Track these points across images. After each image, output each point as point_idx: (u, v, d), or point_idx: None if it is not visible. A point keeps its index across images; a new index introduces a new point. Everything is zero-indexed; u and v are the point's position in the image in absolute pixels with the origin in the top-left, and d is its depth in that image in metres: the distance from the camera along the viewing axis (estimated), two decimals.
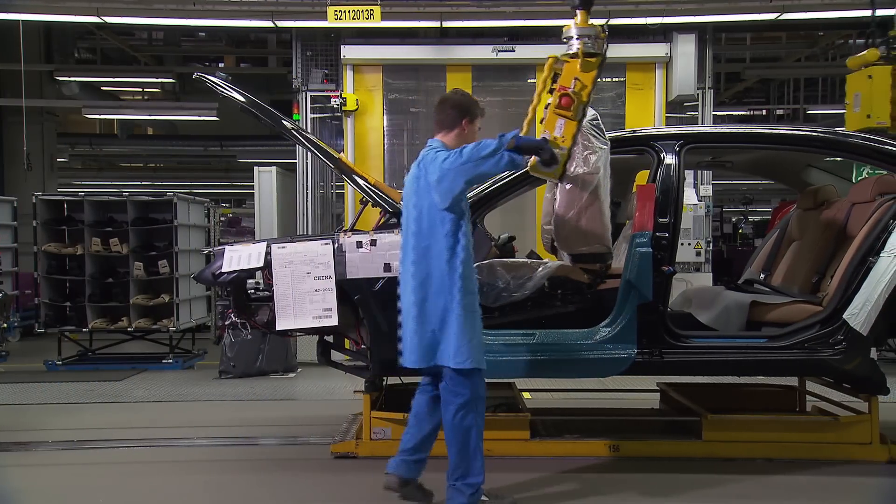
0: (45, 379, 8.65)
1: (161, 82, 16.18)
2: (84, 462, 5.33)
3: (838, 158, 5.67)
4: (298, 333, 5.22)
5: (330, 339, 5.57)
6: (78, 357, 9.69)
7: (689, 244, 9.68)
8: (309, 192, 10.26)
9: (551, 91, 4.21)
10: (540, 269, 4.79)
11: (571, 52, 4.24)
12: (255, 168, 10.40)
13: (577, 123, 4.15)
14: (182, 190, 11.73)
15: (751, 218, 24.76)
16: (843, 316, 4.84)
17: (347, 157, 10.30)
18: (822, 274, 5.33)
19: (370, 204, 5.12)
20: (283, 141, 12.41)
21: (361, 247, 4.79)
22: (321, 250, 4.77)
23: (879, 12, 8.20)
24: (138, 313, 9.40)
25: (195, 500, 4.59)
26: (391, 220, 5.12)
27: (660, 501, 4.40)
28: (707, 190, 10.13)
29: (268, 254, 4.79)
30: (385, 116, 10.45)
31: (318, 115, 10.39)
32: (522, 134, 4.03)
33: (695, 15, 9.80)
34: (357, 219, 5.41)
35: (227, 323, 5.06)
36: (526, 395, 7.03)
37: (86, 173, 22.49)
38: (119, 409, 7.15)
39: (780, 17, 9.97)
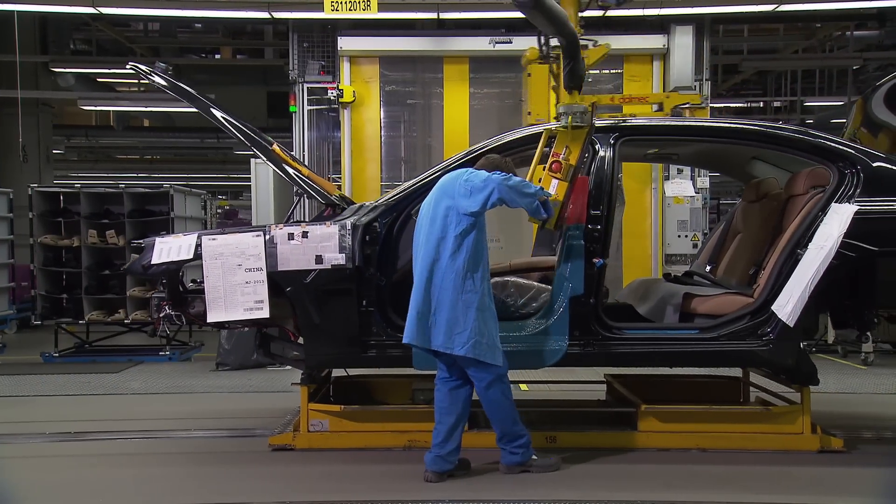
0: (42, 371, 8.64)
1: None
2: (23, 455, 5.30)
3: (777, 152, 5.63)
4: (235, 326, 5.19)
5: (275, 331, 5.55)
6: (75, 349, 9.69)
7: (686, 236, 9.68)
8: None
9: (545, 156, 4.82)
10: (545, 293, 5.03)
11: (562, 124, 4.79)
12: (252, 160, 10.34)
13: (567, 183, 4.78)
14: (178, 182, 11.70)
15: None
16: (772, 307, 4.86)
17: (344, 148, 10.31)
18: (759, 266, 5.31)
19: (305, 195, 5.33)
20: (279, 133, 12.37)
21: (293, 239, 4.80)
22: (252, 242, 4.78)
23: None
24: (135, 305, 9.39)
25: (123, 493, 4.51)
26: (325, 211, 5.26)
27: (585, 492, 4.39)
28: (704, 182, 10.12)
29: (198, 246, 4.80)
30: (382, 108, 10.43)
31: (314, 107, 10.36)
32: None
33: (692, 6, 9.79)
34: (292, 211, 5.65)
35: (161, 315, 5.06)
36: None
37: (82, 165, 22.44)
38: (75, 402, 7.09)
39: (778, 9, 9.97)
